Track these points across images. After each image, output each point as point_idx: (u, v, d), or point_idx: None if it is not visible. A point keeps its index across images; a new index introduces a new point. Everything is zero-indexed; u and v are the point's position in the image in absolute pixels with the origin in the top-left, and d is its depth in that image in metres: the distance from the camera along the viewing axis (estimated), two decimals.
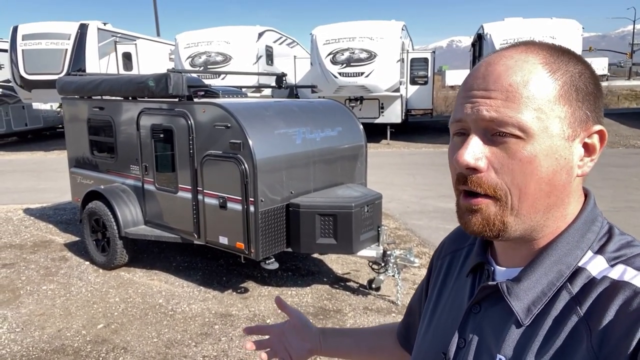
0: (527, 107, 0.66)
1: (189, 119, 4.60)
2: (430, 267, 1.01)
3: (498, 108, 0.67)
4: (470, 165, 0.68)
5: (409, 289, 4.80)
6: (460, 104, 0.72)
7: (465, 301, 0.80)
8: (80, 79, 6.01)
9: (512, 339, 0.70)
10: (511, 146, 0.67)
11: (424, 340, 0.89)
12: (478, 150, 0.69)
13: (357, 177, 5.35)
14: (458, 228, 1.00)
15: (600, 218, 0.73)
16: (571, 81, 0.67)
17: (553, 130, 0.66)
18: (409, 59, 16.31)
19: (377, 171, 9.78)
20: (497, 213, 0.69)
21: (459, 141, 0.73)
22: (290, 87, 6.42)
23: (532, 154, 0.66)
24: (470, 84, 0.72)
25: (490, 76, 0.69)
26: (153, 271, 5.36)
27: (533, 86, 0.66)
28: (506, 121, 0.66)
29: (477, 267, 0.82)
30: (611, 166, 10.02)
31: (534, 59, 0.68)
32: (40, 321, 4.28)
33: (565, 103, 0.67)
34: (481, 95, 0.68)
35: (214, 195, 4.49)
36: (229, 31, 15.10)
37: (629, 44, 46.06)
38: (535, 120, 0.66)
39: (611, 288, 0.64)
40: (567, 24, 14.22)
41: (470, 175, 0.70)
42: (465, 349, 0.76)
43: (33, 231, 6.89)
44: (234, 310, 4.42)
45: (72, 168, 6.31)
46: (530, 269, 0.71)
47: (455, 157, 0.70)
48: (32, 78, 14.05)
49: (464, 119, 0.71)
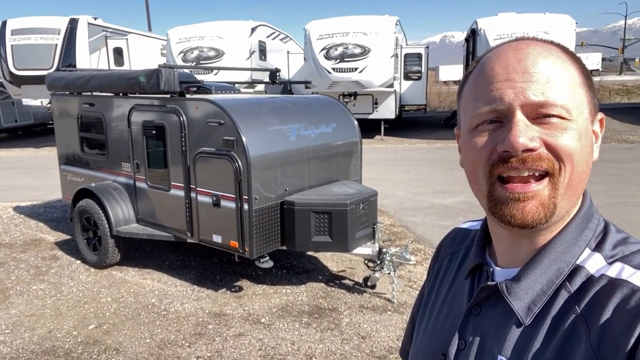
0: (568, 90, 0.68)
1: (181, 116, 4.53)
2: (429, 271, 1.00)
3: (544, 91, 0.67)
4: (529, 146, 0.66)
5: (404, 287, 4.77)
6: (493, 91, 0.69)
7: (464, 303, 0.80)
8: (70, 75, 5.91)
9: (512, 339, 0.69)
10: (558, 125, 0.67)
11: (422, 342, 0.88)
12: (530, 132, 0.67)
13: (352, 174, 5.31)
14: (454, 230, 1.00)
15: (597, 215, 0.74)
16: (585, 71, 0.71)
17: (585, 114, 0.69)
18: (403, 55, 16.26)
19: (372, 167, 9.75)
20: (550, 195, 0.68)
21: (489, 129, 0.70)
22: (283, 82, 6.35)
23: (579, 133, 0.68)
24: (503, 67, 0.69)
25: (526, 59, 0.68)
26: (145, 270, 5.29)
27: (567, 70, 0.69)
28: (555, 103, 0.67)
29: (475, 269, 0.82)
30: (604, 161, 10.05)
31: (555, 49, 0.71)
32: (30, 322, 4.20)
33: (587, 89, 0.70)
34: (522, 79, 0.68)
35: (207, 193, 4.42)
36: (221, 26, 14.96)
37: (621, 39, 46.29)
38: (575, 102, 0.68)
39: (609, 286, 0.65)
40: (560, 19, 14.21)
41: (525, 154, 0.67)
42: (466, 351, 0.76)
43: (23, 229, 6.79)
44: (228, 310, 4.37)
45: (62, 165, 6.21)
46: (529, 268, 0.71)
47: (509, 140, 0.66)
48: (22, 74, 13.87)
49: (503, 107, 0.68)
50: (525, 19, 14.43)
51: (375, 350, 3.71)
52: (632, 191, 8.05)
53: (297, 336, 3.92)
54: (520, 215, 0.68)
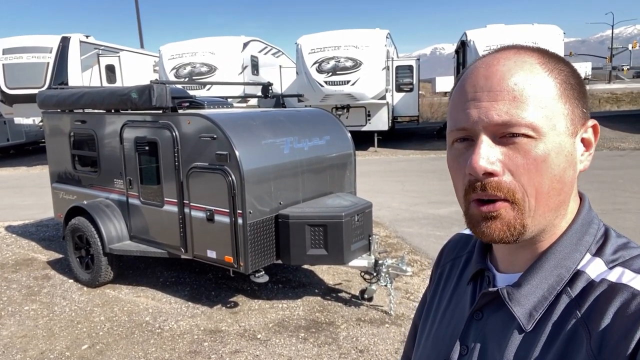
0: (536, 106, 0.66)
1: (173, 131, 4.51)
2: (431, 277, 0.99)
3: (508, 110, 0.66)
4: (488, 170, 0.67)
5: (401, 298, 4.73)
6: (462, 110, 0.70)
7: (466, 309, 0.80)
8: (61, 92, 5.88)
9: (514, 345, 0.69)
10: (523, 146, 0.66)
11: (424, 348, 0.88)
12: (491, 154, 0.67)
13: (347, 186, 5.29)
14: (456, 236, 1.00)
15: (597, 220, 0.74)
16: (567, 80, 0.69)
17: (560, 128, 0.67)
18: (394, 67, 16.39)
19: (366, 179, 9.75)
20: (516, 216, 0.68)
21: (461, 147, 0.71)
22: (276, 96, 6.36)
23: (545, 152, 0.66)
24: (472, 86, 0.69)
25: (493, 77, 0.68)
26: (139, 288, 5.22)
27: (537, 85, 0.66)
28: (519, 122, 0.65)
29: (477, 275, 0.82)
30: (596, 169, 10.11)
31: (530, 60, 0.69)
32: (22, 343, 4.12)
33: (566, 101, 0.68)
34: (487, 98, 0.67)
35: (200, 208, 4.39)
36: (213, 42, 15.03)
37: (608, 48, 46.94)
38: (544, 118, 0.66)
39: (609, 290, 0.64)
40: (548, 30, 14.42)
41: (485, 180, 0.68)
42: (468, 357, 0.76)
43: (15, 249, 6.70)
44: (224, 326, 4.31)
45: (54, 183, 6.16)
46: (530, 273, 0.71)
47: (470, 163, 0.67)
48: (14, 92, 13.82)
49: (469, 127, 0.69)
50: (514, 30, 14.62)
51: None
52: (624, 198, 8.09)
53: (294, 351, 3.87)
54: (489, 233, 0.69)
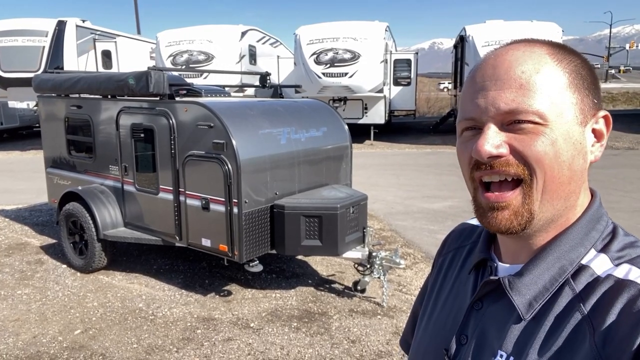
0: (542, 94, 0.67)
1: (170, 118, 4.49)
2: (433, 265, 1.00)
3: (515, 98, 0.67)
4: (493, 153, 0.68)
5: (394, 291, 4.76)
6: (471, 100, 0.71)
7: (467, 297, 0.81)
8: (57, 77, 5.84)
9: (513, 334, 0.70)
10: (530, 131, 0.67)
11: (424, 335, 0.89)
12: (497, 139, 0.69)
13: (342, 178, 5.30)
14: (461, 225, 1.01)
15: (606, 217, 0.74)
16: (577, 70, 0.70)
17: (568, 116, 0.68)
18: (392, 60, 16.36)
19: (361, 172, 9.76)
20: (523, 203, 0.69)
21: (470, 135, 0.73)
22: (274, 86, 6.34)
23: (553, 138, 0.67)
24: (480, 76, 0.71)
25: (500, 66, 0.69)
26: (133, 274, 5.23)
27: (545, 74, 0.68)
28: (526, 110, 0.67)
29: (480, 264, 0.82)
30: (590, 167, 10.15)
31: (540, 50, 0.70)
32: (14, 327, 4.12)
33: (575, 90, 0.69)
34: (494, 87, 0.69)
35: (196, 197, 4.39)
36: (211, 30, 14.92)
37: (606, 47, 47.05)
38: (551, 106, 0.67)
39: (616, 287, 0.65)
40: (547, 27, 14.41)
41: (493, 161, 0.69)
42: (467, 345, 0.77)
43: (8, 233, 6.67)
44: (217, 314, 4.33)
45: (48, 168, 6.12)
46: (533, 264, 0.72)
47: (475, 147, 0.69)
48: (8, 76, 13.70)
49: (477, 116, 0.70)
50: (513, 27, 14.61)
51: (365, 354, 3.70)
52: (617, 197, 8.15)
53: (286, 341, 3.90)
54: (495, 223, 0.70)
